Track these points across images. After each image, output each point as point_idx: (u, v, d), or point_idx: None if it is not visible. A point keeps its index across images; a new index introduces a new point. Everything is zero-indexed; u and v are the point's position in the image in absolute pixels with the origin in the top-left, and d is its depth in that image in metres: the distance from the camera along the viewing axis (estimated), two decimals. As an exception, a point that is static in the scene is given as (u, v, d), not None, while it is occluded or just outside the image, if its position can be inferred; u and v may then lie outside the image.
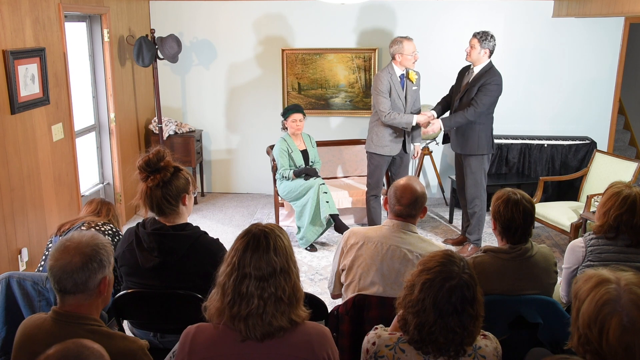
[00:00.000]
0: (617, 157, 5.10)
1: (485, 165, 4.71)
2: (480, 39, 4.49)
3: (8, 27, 3.74)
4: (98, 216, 2.85)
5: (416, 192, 2.55)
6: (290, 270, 1.74)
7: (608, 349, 1.40)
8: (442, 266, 1.72)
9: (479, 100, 4.46)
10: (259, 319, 1.67)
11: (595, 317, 1.42)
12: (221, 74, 6.32)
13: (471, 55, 4.55)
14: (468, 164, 4.71)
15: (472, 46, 4.53)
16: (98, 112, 5.33)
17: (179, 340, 1.79)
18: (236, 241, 1.76)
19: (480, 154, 4.64)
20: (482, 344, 1.79)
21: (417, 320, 1.70)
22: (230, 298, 1.68)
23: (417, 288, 1.71)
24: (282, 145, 5.01)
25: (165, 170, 2.34)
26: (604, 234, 2.57)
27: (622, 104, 7.47)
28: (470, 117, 4.46)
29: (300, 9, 6.07)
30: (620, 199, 2.51)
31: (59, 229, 2.75)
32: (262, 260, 1.69)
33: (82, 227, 2.70)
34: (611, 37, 5.89)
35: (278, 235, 1.76)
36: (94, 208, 2.89)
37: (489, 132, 4.64)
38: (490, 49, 4.51)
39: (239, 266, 1.69)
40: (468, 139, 4.63)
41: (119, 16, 5.42)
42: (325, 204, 4.79)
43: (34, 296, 2.38)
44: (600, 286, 1.45)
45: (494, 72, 4.53)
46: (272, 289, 1.68)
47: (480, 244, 4.83)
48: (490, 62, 4.58)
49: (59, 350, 1.39)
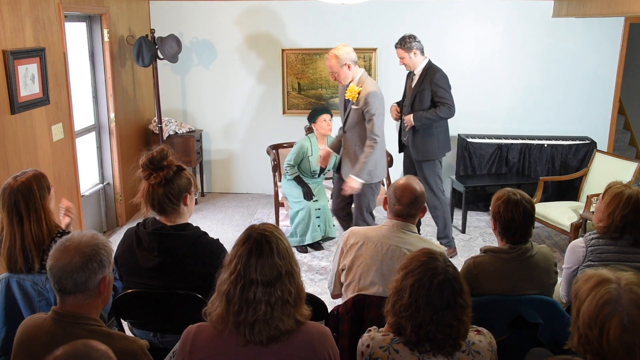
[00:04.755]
0: (617, 157, 5.10)
1: (438, 169, 4.65)
2: (402, 46, 4.48)
3: (8, 27, 3.74)
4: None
5: (416, 192, 2.55)
6: (294, 272, 1.74)
7: (608, 348, 1.40)
8: (425, 265, 1.74)
9: (441, 97, 4.41)
10: (266, 325, 1.66)
11: (595, 316, 1.42)
12: (221, 74, 6.32)
13: (406, 64, 4.54)
14: (420, 169, 4.66)
15: (401, 57, 4.53)
16: (98, 112, 5.33)
17: (179, 340, 1.79)
18: (237, 247, 1.73)
19: (433, 159, 4.61)
20: (475, 339, 1.79)
21: (413, 323, 1.70)
22: (238, 306, 1.66)
23: (407, 292, 1.72)
24: (305, 143, 4.99)
25: (168, 168, 2.35)
26: (609, 235, 2.57)
27: (622, 104, 7.46)
28: (442, 114, 4.42)
29: (300, 9, 6.07)
30: (624, 200, 2.51)
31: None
32: (267, 265, 1.68)
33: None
34: (611, 37, 5.89)
35: (278, 238, 1.75)
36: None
37: (444, 135, 4.61)
38: (417, 48, 4.47)
39: (244, 273, 1.67)
40: (425, 144, 4.58)
41: (119, 16, 5.42)
42: (316, 227, 4.87)
43: (34, 296, 2.37)
44: (601, 286, 1.45)
45: (435, 68, 4.50)
46: (279, 292, 1.68)
47: (453, 244, 4.84)
48: (429, 60, 4.54)
49: (67, 351, 1.39)
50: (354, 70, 4.03)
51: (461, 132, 6.16)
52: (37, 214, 2.40)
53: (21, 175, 2.44)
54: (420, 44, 4.51)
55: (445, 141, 4.64)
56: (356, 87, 3.97)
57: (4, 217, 2.41)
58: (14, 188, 2.38)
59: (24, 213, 2.37)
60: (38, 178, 2.45)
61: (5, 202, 2.38)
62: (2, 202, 2.40)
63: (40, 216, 2.41)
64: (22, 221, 2.38)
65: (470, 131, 6.18)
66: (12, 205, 2.37)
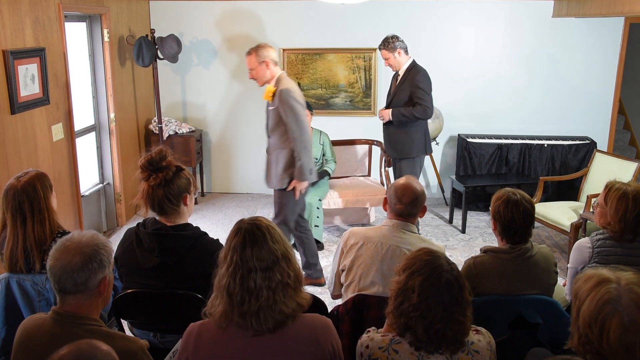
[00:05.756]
0: (617, 157, 5.10)
1: (417, 169, 4.64)
2: (385, 47, 4.49)
3: (8, 27, 3.74)
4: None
5: (416, 191, 2.57)
6: (290, 255, 1.76)
7: (609, 348, 1.40)
8: (430, 263, 1.75)
9: (419, 98, 4.40)
10: (270, 310, 1.68)
11: (595, 316, 1.42)
12: (221, 74, 6.32)
13: (391, 64, 4.56)
14: (399, 167, 4.68)
15: (385, 58, 4.55)
16: (98, 112, 5.32)
17: (179, 340, 1.79)
18: (230, 240, 1.75)
19: (411, 157, 4.60)
20: (475, 339, 1.79)
21: (425, 322, 1.70)
22: (240, 297, 1.67)
23: (415, 291, 1.72)
24: None
25: (168, 169, 2.35)
26: (625, 238, 2.55)
27: (622, 104, 7.46)
28: (418, 114, 4.41)
29: (300, 9, 6.07)
30: (631, 200, 2.51)
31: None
32: (263, 250, 1.70)
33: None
34: (611, 37, 5.89)
35: (269, 225, 1.77)
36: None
37: (422, 134, 4.60)
38: (401, 48, 4.48)
39: (242, 263, 1.69)
40: (399, 142, 4.60)
41: (119, 16, 5.42)
42: (314, 227, 4.80)
43: (34, 296, 2.37)
44: (601, 286, 1.45)
45: (418, 68, 4.50)
46: (278, 276, 1.70)
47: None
48: (413, 60, 4.55)
49: (72, 351, 1.39)
50: (273, 69, 3.85)
51: (461, 132, 6.16)
52: (42, 214, 2.40)
53: (23, 175, 2.44)
54: (404, 44, 4.51)
55: (421, 141, 4.59)
56: (272, 87, 3.83)
57: (7, 219, 2.40)
58: (18, 189, 2.37)
59: (28, 213, 2.37)
60: (41, 178, 2.45)
61: (9, 204, 2.38)
62: (5, 203, 2.39)
63: (44, 216, 2.41)
64: (26, 221, 2.37)
65: (470, 131, 6.18)
66: (16, 206, 2.37)
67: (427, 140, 4.64)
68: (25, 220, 2.38)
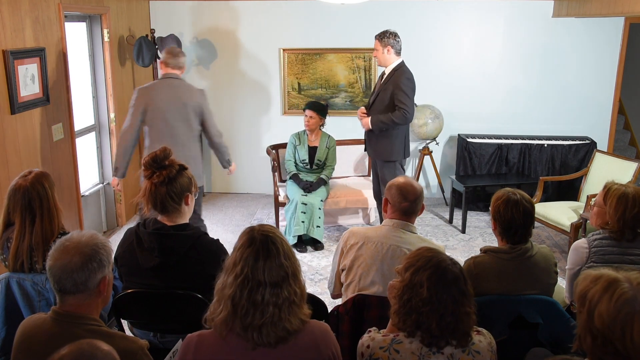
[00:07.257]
0: (617, 157, 5.10)
1: (398, 172, 4.60)
2: (379, 38, 4.44)
3: (8, 27, 3.74)
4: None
5: (418, 188, 2.60)
6: (298, 272, 1.74)
7: (632, 347, 1.39)
8: (434, 259, 1.77)
9: (399, 101, 4.34)
10: (273, 327, 1.65)
11: (614, 317, 1.41)
12: (221, 74, 6.32)
13: (378, 57, 4.51)
14: (381, 169, 4.68)
15: (375, 49, 4.50)
16: (98, 112, 5.32)
17: (179, 340, 1.78)
18: (242, 250, 1.70)
19: (392, 161, 4.59)
20: (475, 339, 1.79)
21: (437, 315, 1.71)
22: (245, 309, 1.65)
23: (424, 285, 1.72)
24: (294, 136, 5.22)
25: (171, 167, 2.36)
26: (625, 238, 2.55)
27: (622, 104, 7.46)
28: (397, 119, 4.34)
29: (300, 9, 6.07)
30: (630, 200, 2.51)
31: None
32: (275, 266, 1.67)
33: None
34: (611, 37, 5.89)
35: (282, 239, 1.75)
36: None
37: (402, 138, 4.56)
38: (392, 46, 4.41)
39: (252, 276, 1.65)
40: (379, 144, 4.58)
41: (119, 16, 5.42)
42: (300, 222, 4.82)
43: (34, 296, 2.37)
44: (614, 286, 1.44)
45: (404, 70, 4.43)
46: (286, 293, 1.67)
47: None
48: (402, 62, 4.49)
49: (73, 351, 1.39)
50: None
51: (461, 132, 6.16)
52: (50, 212, 2.41)
53: (29, 174, 2.44)
54: (399, 45, 4.45)
55: (401, 145, 4.56)
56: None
57: (16, 217, 2.40)
58: (27, 187, 2.37)
59: (38, 211, 2.37)
60: (46, 176, 2.46)
61: (18, 202, 2.38)
62: (14, 202, 2.39)
63: (53, 213, 2.42)
64: (34, 220, 2.38)
65: (470, 131, 6.18)
66: (26, 205, 2.37)
67: (406, 144, 4.62)
68: (34, 218, 2.38)
